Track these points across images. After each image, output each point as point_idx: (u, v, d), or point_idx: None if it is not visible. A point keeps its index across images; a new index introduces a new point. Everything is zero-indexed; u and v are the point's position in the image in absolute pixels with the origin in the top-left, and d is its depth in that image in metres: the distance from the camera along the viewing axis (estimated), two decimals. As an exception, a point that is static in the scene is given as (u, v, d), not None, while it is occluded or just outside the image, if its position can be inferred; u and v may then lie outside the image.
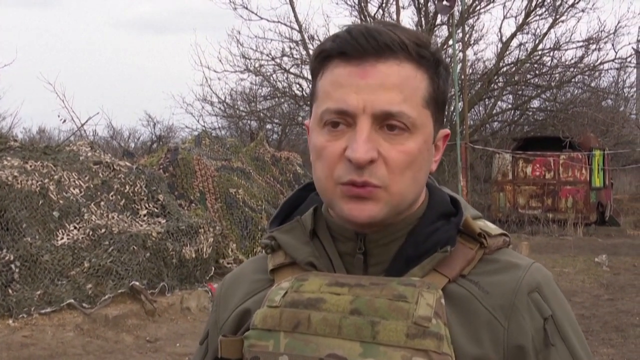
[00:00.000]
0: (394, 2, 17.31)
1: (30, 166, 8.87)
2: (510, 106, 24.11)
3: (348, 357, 1.06)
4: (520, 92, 23.64)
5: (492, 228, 1.20)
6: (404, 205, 1.14)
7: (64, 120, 23.28)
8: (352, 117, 1.10)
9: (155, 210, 9.54)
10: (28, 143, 10.41)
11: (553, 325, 1.13)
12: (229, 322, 1.23)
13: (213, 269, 9.59)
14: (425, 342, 1.04)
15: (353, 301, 1.09)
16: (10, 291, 7.85)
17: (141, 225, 9.15)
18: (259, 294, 1.20)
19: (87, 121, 20.71)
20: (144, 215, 9.39)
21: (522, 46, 22.61)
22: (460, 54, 16.98)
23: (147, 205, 9.52)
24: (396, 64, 1.10)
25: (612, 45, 28.79)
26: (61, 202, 8.76)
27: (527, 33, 22.60)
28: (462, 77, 16.20)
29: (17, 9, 58.84)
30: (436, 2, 15.95)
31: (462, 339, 1.09)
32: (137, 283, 8.29)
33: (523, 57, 22.54)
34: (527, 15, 22.06)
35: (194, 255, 9.16)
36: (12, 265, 7.99)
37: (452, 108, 16.97)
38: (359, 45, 1.09)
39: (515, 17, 22.48)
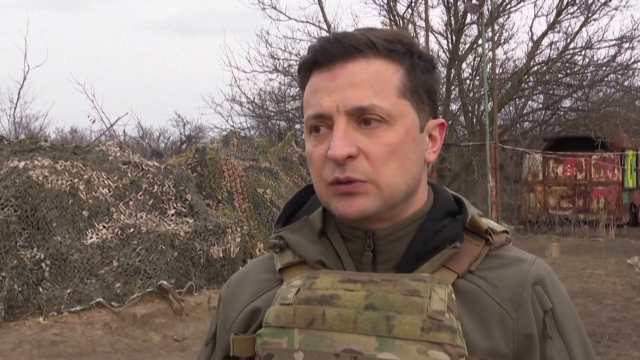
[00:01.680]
0: (423, 1, 17.22)
1: (61, 166, 8.97)
2: (541, 106, 23.90)
3: (364, 352, 1.07)
4: (551, 92, 23.43)
5: (495, 225, 1.23)
6: (397, 196, 1.15)
7: (94, 121, 23.59)
8: (330, 119, 1.13)
9: (183, 210, 9.60)
10: (59, 143, 10.50)
11: (552, 319, 1.15)
12: (238, 321, 1.24)
13: (240, 268, 9.63)
14: (440, 335, 1.06)
15: (367, 297, 1.10)
16: (40, 289, 7.94)
17: (169, 225, 9.21)
18: (268, 293, 1.21)
19: (116, 121, 20.94)
20: (172, 215, 9.45)
21: (553, 45, 22.46)
22: (490, 54, 16.85)
23: (175, 205, 9.58)
24: (364, 62, 1.14)
25: (646, 43, 28.42)
26: (90, 201, 8.85)
27: (559, 32, 22.45)
28: (492, 76, 16.07)
29: (47, 11, 59.63)
30: (465, 1, 15.85)
31: (473, 332, 1.11)
32: (165, 282, 8.34)
33: (554, 56, 22.36)
34: (559, 13, 21.87)
35: (221, 255, 9.19)
36: (43, 264, 8.09)
37: (482, 108, 16.86)
38: (327, 51, 1.14)
39: (547, 15, 22.34)
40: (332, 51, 1.14)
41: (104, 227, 8.73)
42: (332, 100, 1.13)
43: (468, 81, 23.15)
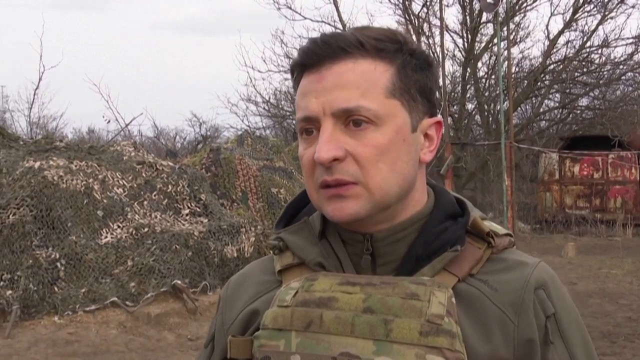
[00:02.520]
0: (438, 0, 17.17)
1: (76, 166, 9.02)
2: (557, 105, 23.76)
3: (361, 356, 1.06)
4: (567, 91, 23.28)
5: (498, 228, 1.21)
6: (389, 198, 1.13)
7: (109, 121, 23.67)
8: (317, 121, 1.12)
9: (198, 209, 9.62)
10: (74, 143, 10.56)
11: (554, 324, 1.13)
12: (236, 322, 1.23)
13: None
14: (438, 339, 1.04)
15: (365, 300, 1.08)
16: (56, 289, 7.99)
17: (183, 225, 9.23)
18: (267, 295, 1.20)
19: (131, 122, 21.02)
20: (186, 215, 9.47)
21: (569, 44, 22.30)
22: (506, 52, 16.77)
23: (189, 205, 9.60)
24: (352, 62, 1.12)
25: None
26: (105, 201, 8.89)
27: (575, 30, 22.30)
28: (507, 75, 16.00)
29: (65, 12, 59.98)
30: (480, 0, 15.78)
31: (473, 337, 1.09)
32: (179, 282, 8.36)
33: (571, 54, 22.20)
34: (575, 12, 21.73)
35: (235, 255, 9.20)
36: (58, 264, 8.13)
37: (498, 107, 16.79)
38: (315, 53, 1.13)
39: (563, 14, 22.22)
40: (320, 53, 1.12)
41: (119, 226, 8.77)
42: (319, 103, 1.11)
43: (484, 80, 23.05)
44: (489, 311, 1.11)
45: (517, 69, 22.28)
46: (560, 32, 22.08)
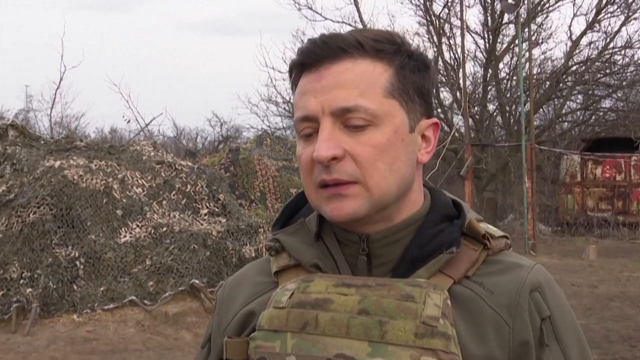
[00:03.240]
0: (459, 1, 17.11)
1: (95, 165, 9.09)
2: (579, 106, 23.57)
3: (356, 357, 1.06)
4: (590, 92, 23.08)
5: (494, 230, 1.20)
6: (388, 197, 1.13)
7: (128, 121, 23.83)
8: (316, 121, 1.12)
9: (216, 209, 9.66)
10: (94, 143, 10.65)
11: (550, 326, 1.13)
12: (232, 324, 1.23)
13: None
14: (433, 341, 1.04)
15: (361, 301, 1.08)
16: (75, 287, 8.06)
17: (202, 224, 9.27)
18: (263, 296, 1.20)
19: (150, 122, 21.11)
20: (205, 215, 9.51)
21: (592, 44, 22.11)
22: (527, 54, 16.67)
23: (207, 205, 9.64)
24: (351, 62, 1.12)
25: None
26: (124, 200, 8.95)
27: (598, 31, 22.09)
28: (529, 76, 15.90)
29: (87, 13, 60.46)
30: (501, 0, 15.69)
31: (468, 340, 1.09)
32: (197, 281, 8.40)
33: (593, 55, 22.01)
34: (598, 12, 21.54)
35: (253, 255, 9.22)
36: (77, 262, 8.21)
37: (520, 108, 16.69)
38: (314, 53, 1.13)
39: (586, 14, 22.00)
40: (319, 52, 1.13)
41: (138, 226, 8.82)
42: (317, 102, 1.12)
43: (505, 81, 22.92)
44: (485, 313, 1.11)
45: (539, 70, 22.14)
46: (583, 33, 21.91)
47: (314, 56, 1.13)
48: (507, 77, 22.78)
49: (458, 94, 20.22)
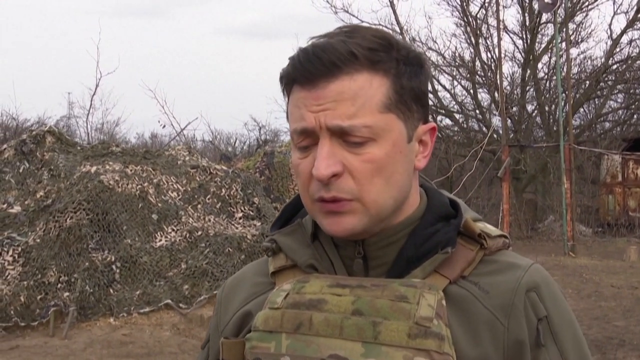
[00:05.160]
0: (496, 1, 16.95)
1: (131, 170, 9.19)
2: (620, 105, 23.21)
3: (350, 358, 1.05)
4: (631, 91, 22.71)
5: (491, 230, 1.19)
6: (385, 212, 1.13)
7: (164, 126, 24.07)
8: (313, 133, 1.11)
9: (251, 213, 9.70)
10: (129, 148, 10.77)
11: (547, 326, 1.12)
12: (230, 325, 1.23)
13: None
14: (426, 342, 1.04)
15: (355, 302, 1.08)
16: (111, 291, 8.16)
17: (236, 228, 9.32)
18: (260, 297, 1.20)
19: (186, 126, 21.29)
20: (240, 218, 9.56)
21: (632, 43, 21.76)
22: (565, 53, 16.46)
23: (242, 208, 9.69)
24: (348, 78, 1.10)
25: None
26: (160, 205, 9.03)
27: (639, 29, 21.72)
28: (567, 76, 15.70)
29: (126, 19, 61.25)
30: (538, 0, 15.52)
31: (463, 340, 1.09)
32: (232, 285, 8.43)
33: (634, 54, 21.68)
34: (638, 10, 21.20)
35: (287, 258, 9.24)
36: (113, 266, 8.31)
37: (557, 108, 16.50)
38: (307, 71, 1.10)
39: (626, 12, 21.69)
40: (313, 71, 1.10)
41: (173, 230, 8.90)
42: (316, 117, 1.10)
43: (544, 81, 22.67)
44: (480, 314, 1.11)
45: (578, 70, 21.86)
46: (623, 31, 21.59)
47: (309, 74, 1.10)
48: (546, 77, 22.53)
49: (496, 94, 20.03)
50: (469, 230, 1.15)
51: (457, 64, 22.44)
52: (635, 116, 23.15)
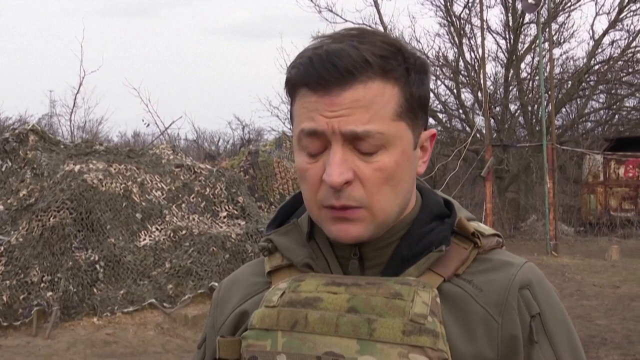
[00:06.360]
0: (479, 1, 17.01)
1: (115, 169, 9.16)
2: (602, 106, 23.38)
3: (345, 355, 1.07)
4: (613, 91, 22.88)
5: (485, 229, 1.21)
6: (390, 219, 1.14)
7: (148, 124, 23.94)
8: (324, 137, 1.11)
9: (235, 212, 9.69)
10: (113, 147, 10.72)
11: (540, 323, 1.14)
12: (226, 324, 1.24)
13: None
14: (421, 338, 1.05)
15: (350, 300, 1.10)
16: (95, 290, 8.12)
17: (221, 227, 9.30)
18: (257, 296, 1.21)
19: (170, 125, 21.19)
20: (224, 217, 9.54)
21: (614, 43, 21.93)
22: (548, 53, 16.56)
23: (227, 207, 9.67)
24: (362, 87, 1.09)
25: None
26: (144, 204, 9.00)
27: (621, 30, 21.94)
28: (549, 76, 15.80)
29: (112, 18, 60.94)
30: (522, 0, 15.60)
31: (457, 337, 1.10)
32: (216, 284, 8.41)
33: (616, 54, 21.84)
34: (620, 11, 21.37)
35: (272, 257, 9.24)
36: (97, 266, 8.27)
37: (541, 108, 16.59)
38: (321, 77, 1.09)
39: (608, 13, 21.84)
40: (328, 77, 1.09)
41: (157, 229, 8.87)
42: (328, 122, 1.10)
43: (527, 81, 22.79)
44: (474, 311, 1.12)
45: (560, 70, 21.98)
46: (605, 32, 21.74)
47: (323, 81, 1.09)
48: (529, 77, 22.65)
49: (479, 94, 20.12)
50: (463, 229, 1.17)
51: (440, 63, 22.48)
52: (616, 116, 23.33)
